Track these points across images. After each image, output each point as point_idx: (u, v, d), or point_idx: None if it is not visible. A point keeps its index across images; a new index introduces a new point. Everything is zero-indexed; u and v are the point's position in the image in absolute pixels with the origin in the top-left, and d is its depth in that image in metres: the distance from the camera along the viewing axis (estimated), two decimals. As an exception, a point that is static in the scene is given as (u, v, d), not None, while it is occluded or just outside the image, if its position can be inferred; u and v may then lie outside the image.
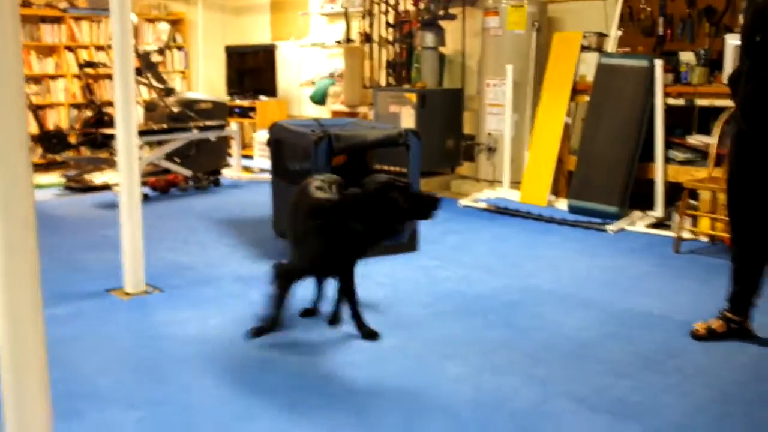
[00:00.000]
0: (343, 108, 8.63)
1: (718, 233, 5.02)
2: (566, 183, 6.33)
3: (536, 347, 3.42)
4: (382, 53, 8.39)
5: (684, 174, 5.55)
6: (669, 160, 5.79)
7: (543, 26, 6.87)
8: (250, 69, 10.08)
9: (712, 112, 5.53)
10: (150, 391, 2.95)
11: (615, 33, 6.25)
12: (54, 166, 8.31)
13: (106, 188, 7.16)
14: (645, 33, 6.50)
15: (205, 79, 10.55)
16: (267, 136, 5.67)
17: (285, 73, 9.90)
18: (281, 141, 5.38)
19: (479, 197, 6.59)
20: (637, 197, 5.85)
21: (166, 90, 8.06)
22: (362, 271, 3.55)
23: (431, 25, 7.56)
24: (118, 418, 2.73)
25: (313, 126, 5.24)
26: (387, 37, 8.31)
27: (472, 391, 2.96)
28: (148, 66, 8.01)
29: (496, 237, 5.48)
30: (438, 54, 7.68)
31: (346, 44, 8.96)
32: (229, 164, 8.04)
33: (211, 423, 2.71)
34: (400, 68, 8.16)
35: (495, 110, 6.93)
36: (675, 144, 5.85)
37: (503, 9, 6.82)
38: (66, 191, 7.37)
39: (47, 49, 8.98)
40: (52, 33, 8.97)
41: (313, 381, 3.04)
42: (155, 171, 7.35)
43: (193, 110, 7.67)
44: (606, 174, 5.81)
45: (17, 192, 1.78)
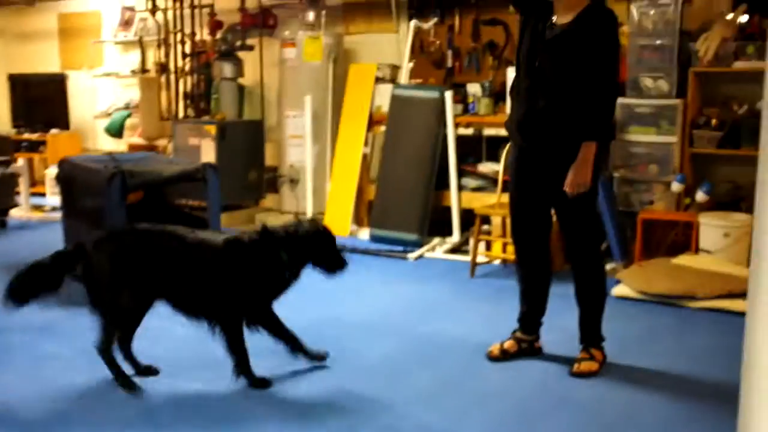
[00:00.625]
0: (141, 141, 8.35)
1: (509, 256, 5.33)
2: (367, 212, 6.48)
3: (341, 380, 3.45)
4: (180, 84, 8.22)
5: (476, 200, 5.85)
6: (462, 188, 6.09)
7: (339, 57, 7.02)
8: (39, 99, 9.46)
9: (500, 141, 5.88)
10: None
11: (407, 65, 6.50)
12: None
13: None
14: (435, 65, 6.83)
15: (-13, 111, 9.84)
16: (56, 172, 5.37)
17: (78, 104, 9.42)
18: (72, 178, 5.11)
19: (284, 228, 6.58)
20: (436, 224, 6.10)
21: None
22: (163, 311, 3.44)
23: (229, 56, 7.51)
24: None
25: (107, 161, 5.02)
26: (184, 68, 8.15)
27: (279, 426, 2.94)
28: None
29: (301, 269, 5.49)
30: (237, 85, 7.63)
31: (142, 74, 8.69)
32: (17, 203, 7.51)
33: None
34: (199, 99, 8.02)
35: (296, 141, 6.98)
36: (467, 172, 6.17)
37: (300, 40, 6.91)
38: None
39: None
40: None
41: None
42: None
43: (-27, 145, 7.12)
44: (404, 203, 6.01)
45: None
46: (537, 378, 3.48)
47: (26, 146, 8.96)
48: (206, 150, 7.07)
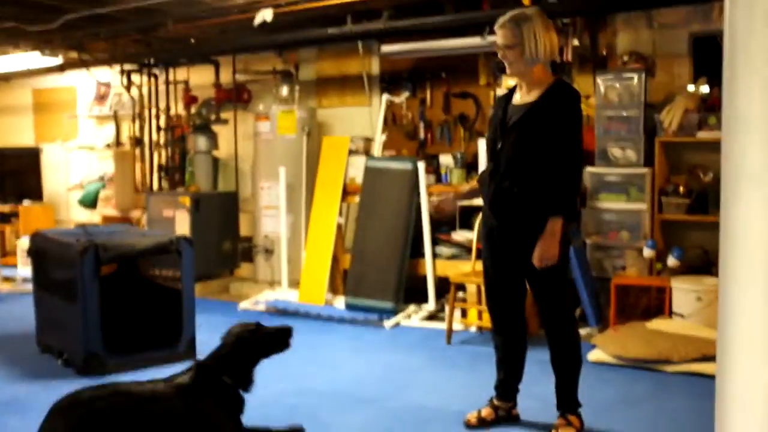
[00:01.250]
0: (115, 212, 8.33)
1: (485, 323, 5.34)
2: (342, 281, 6.48)
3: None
4: (154, 157, 8.26)
5: (451, 268, 5.88)
6: (437, 256, 6.13)
7: (313, 130, 7.11)
8: (12, 171, 9.45)
9: (473, 210, 5.95)
10: None
11: (380, 137, 6.60)
12: None
13: None
14: (408, 136, 6.96)
15: (-41, 185, 9.78)
16: (28, 245, 5.33)
17: (51, 177, 9.43)
18: (44, 251, 5.08)
19: (259, 299, 6.55)
20: (412, 292, 6.10)
21: None
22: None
23: (203, 129, 7.59)
24: None
25: (79, 234, 5.00)
26: (159, 141, 8.21)
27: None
28: None
29: (276, 339, 5.45)
30: (211, 157, 7.69)
31: (116, 147, 8.74)
32: (-13, 276, 7.43)
33: None
34: (173, 172, 8.07)
35: (270, 212, 7.01)
36: (441, 240, 6.22)
37: (273, 114, 7.00)
38: None
39: None
40: None
41: None
42: None
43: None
44: (379, 271, 6.02)
45: None
46: (515, 445, 3.46)
47: (-2, 218, 8.92)
48: (180, 221, 7.06)
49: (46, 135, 9.64)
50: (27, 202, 9.09)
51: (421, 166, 6.08)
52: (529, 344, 3.76)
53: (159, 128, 8.20)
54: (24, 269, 7.98)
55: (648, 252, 5.35)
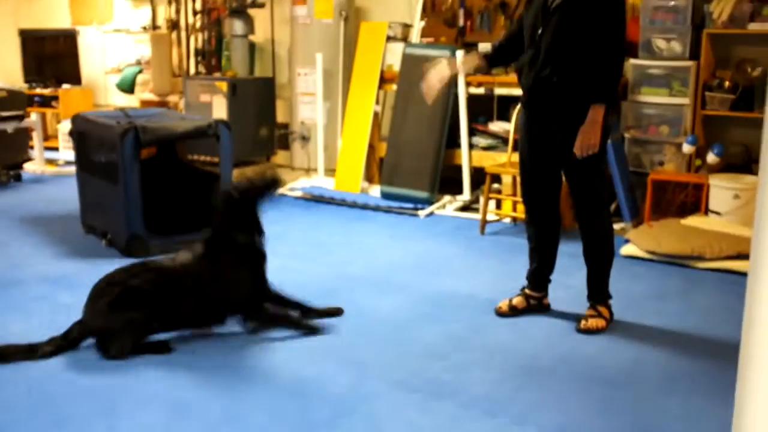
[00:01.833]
0: (153, 97, 8.36)
1: (519, 215, 5.37)
2: (378, 170, 6.52)
3: (352, 333, 3.52)
4: (191, 41, 8.21)
5: (487, 159, 5.87)
6: (473, 147, 6.11)
7: (351, 15, 6.99)
8: (50, 55, 9.48)
9: (511, 101, 5.88)
10: (-53, 408, 2.77)
11: (418, 24, 6.47)
12: None
13: None
14: (447, 24, 6.80)
15: (-1, 66, 9.85)
16: (70, 128, 5.41)
17: (89, 60, 9.43)
18: (85, 133, 5.15)
19: (295, 186, 6.64)
20: (447, 182, 6.13)
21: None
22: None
23: (240, 13, 7.48)
24: None
25: (119, 117, 5.06)
26: (195, 24, 8.14)
27: (290, 378, 3.02)
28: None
29: (312, 225, 5.56)
30: (248, 42, 7.62)
31: (153, 31, 8.68)
32: (31, 157, 7.57)
33: (18, 436, 2.59)
34: (210, 56, 8.03)
35: (307, 99, 6.98)
36: (478, 131, 6.18)
37: (311, -3, 6.88)
38: None
39: None
40: None
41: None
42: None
43: (-14, 99, 7.15)
44: (415, 160, 6.04)
45: None
46: (544, 334, 3.54)
47: (39, 101, 9.02)
48: (218, 106, 7.08)
49: (82, 17, 9.57)
50: (66, 86, 9.16)
51: (460, 54, 5.96)
52: (562, 237, 3.80)
53: (195, 11, 8.10)
54: (66, 152, 8.13)
55: (688, 148, 5.28)
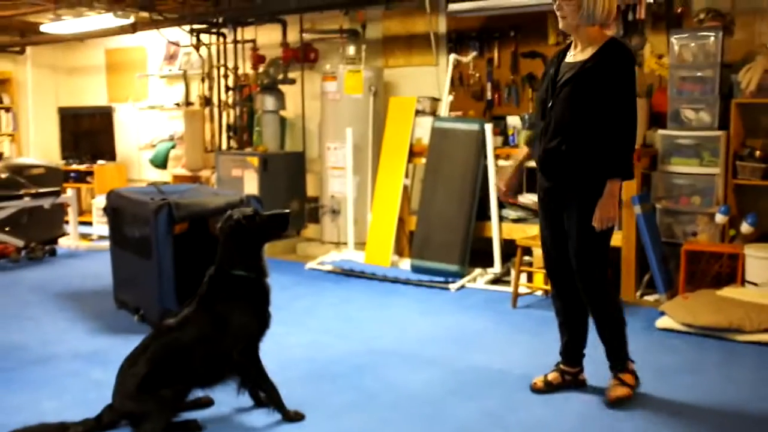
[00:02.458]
0: (185, 172, 8.51)
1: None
2: (408, 243, 6.52)
3: (384, 409, 3.47)
4: (223, 116, 8.38)
5: (518, 231, 5.86)
6: (503, 219, 6.10)
7: (380, 90, 7.11)
8: (87, 132, 9.75)
9: (539, 172, 5.89)
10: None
11: (447, 98, 6.56)
12: None
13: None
14: (475, 97, 6.90)
15: (37, 143, 10.11)
16: (104, 203, 5.50)
17: (123, 136, 9.67)
18: (120, 209, 5.23)
19: (325, 259, 6.65)
20: (477, 255, 6.10)
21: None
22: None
23: (271, 89, 7.65)
24: None
25: (153, 193, 5.14)
26: (227, 101, 8.32)
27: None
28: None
29: (343, 300, 5.55)
30: (279, 117, 7.77)
31: (186, 107, 8.88)
32: (66, 232, 7.69)
33: None
34: (242, 132, 8.18)
35: (337, 173, 7.06)
36: (508, 203, 6.18)
37: (340, 74, 7.01)
38: None
39: None
40: None
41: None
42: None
43: (24, 176, 7.31)
44: (445, 233, 6.03)
45: None
46: (579, 411, 3.47)
47: (74, 177, 9.21)
48: (249, 181, 7.18)
49: (118, 94, 9.86)
50: (101, 162, 9.37)
51: (489, 128, 6.03)
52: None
53: (227, 88, 8.30)
54: (99, 227, 8.25)
55: (721, 218, 5.23)
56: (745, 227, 5.15)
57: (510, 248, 5.79)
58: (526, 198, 6.14)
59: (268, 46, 8.03)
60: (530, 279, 5.60)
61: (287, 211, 3.51)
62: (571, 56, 3.50)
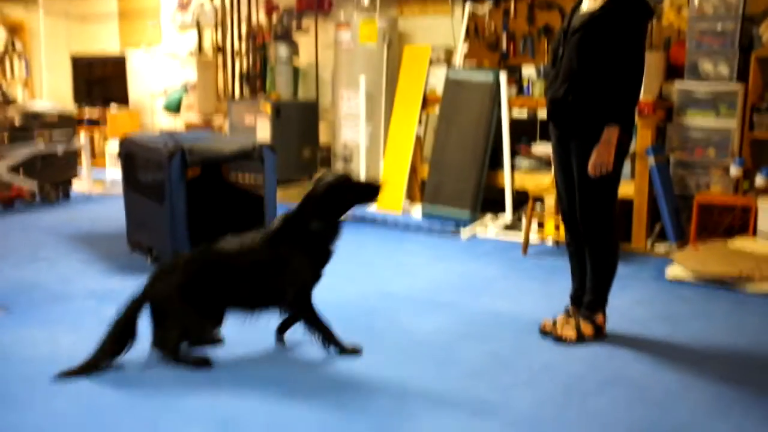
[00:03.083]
0: (198, 119, 8.51)
1: (562, 236, 5.32)
2: (420, 190, 6.53)
3: (395, 351, 3.52)
4: (236, 65, 8.35)
5: (530, 181, 5.86)
6: (515, 168, 6.10)
7: (394, 40, 7.05)
8: (100, 78, 9.73)
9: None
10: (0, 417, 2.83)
11: (462, 48, 6.51)
12: None
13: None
14: (490, 48, 6.83)
15: (50, 89, 10.10)
16: (118, 150, 5.53)
17: (136, 83, 9.64)
18: (133, 155, 5.26)
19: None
20: (489, 203, 6.12)
21: (5, 100, 7.66)
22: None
23: (285, 38, 7.61)
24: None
25: (166, 139, 5.15)
26: (240, 49, 8.28)
27: (333, 395, 3.03)
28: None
29: (356, 245, 5.57)
30: (292, 66, 7.73)
31: (199, 55, 8.84)
32: (79, 176, 7.73)
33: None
34: (254, 80, 8.15)
35: (350, 121, 7.04)
36: (520, 153, 6.17)
37: (355, 23, 6.95)
38: None
39: None
40: None
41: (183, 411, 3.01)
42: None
43: (38, 121, 7.33)
44: (457, 181, 6.04)
45: None
46: (588, 354, 3.50)
47: (88, 122, 9.23)
48: (262, 128, 7.19)
49: (131, 41, 9.82)
50: (114, 108, 9.37)
51: (503, 78, 6.00)
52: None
53: (240, 36, 8.26)
54: (112, 171, 8.28)
55: (735, 170, 5.21)
56: (760, 179, 5.14)
57: (522, 197, 5.80)
58: (539, 147, 6.12)
59: (282, -5, 7.97)
60: (541, 227, 5.61)
61: (380, 185, 3.52)
62: (585, 6, 3.52)
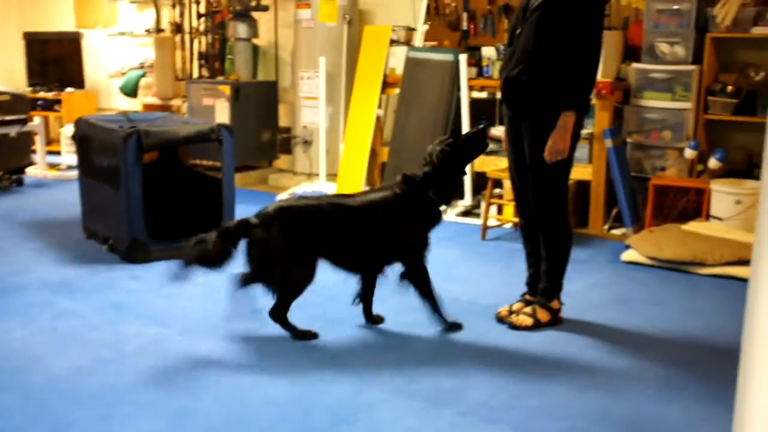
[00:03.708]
0: (156, 101, 8.38)
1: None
2: (380, 174, 6.51)
3: (351, 339, 3.52)
4: (194, 44, 8.22)
5: (489, 164, 5.86)
6: (475, 151, 6.09)
7: (354, 19, 7.00)
8: (54, 58, 9.52)
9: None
10: (-54, 414, 2.77)
11: (422, 27, 6.47)
12: None
13: None
14: (450, 27, 6.80)
15: (2, 69, 9.86)
16: (72, 132, 5.42)
17: (92, 63, 9.45)
18: (88, 137, 5.16)
19: (296, 191, 6.63)
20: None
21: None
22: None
23: (244, 16, 7.50)
24: None
25: (122, 121, 5.06)
26: (199, 28, 8.15)
27: (289, 385, 3.02)
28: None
29: (314, 230, 5.54)
30: (251, 45, 7.63)
31: (157, 34, 8.69)
32: (33, 161, 7.58)
33: (17, 443, 2.59)
34: (213, 60, 8.03)
35: (309, 103, 6.99)
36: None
37: (315, 1, 6.88)
38: None
39: None
40: None
41: (127, 390, 2.98)
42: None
43: (-11, 103, 7.16)
44: (417, 164, 5.98)
45: None
46: (544, 340, 3.53)
47: (42, 105, 9.04)
48: (220, 110, 7.10)
49: (87, 20, 9.60)
50: (69, 90, 9.18)
51: (463, 58, 5.98)
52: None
53: (199, 14, 8.12)
54: (68, 156, 8.14)
55: (690, 153, 5.27)
56: (713, 162, 5.20)
57: (481, 180, 5.81)
58: (498, 130, 6.12)
59: (241, -28, 7.83)
60: (500, 211, 5.63)
61: (482, 127, 3.61)
62: None
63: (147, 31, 8.89)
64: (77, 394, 2.94)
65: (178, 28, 8.33)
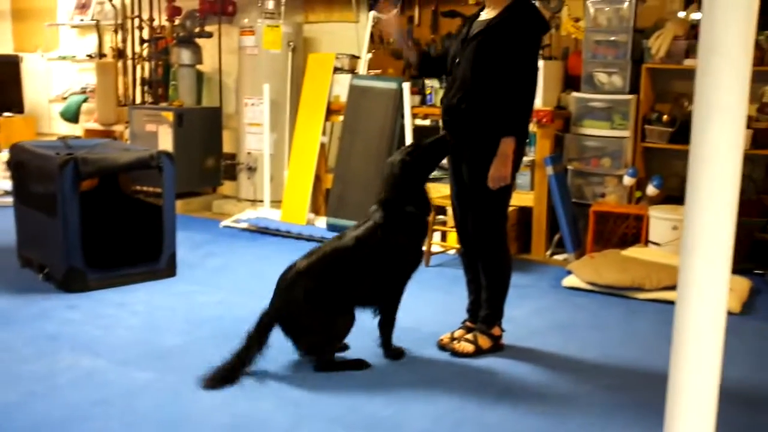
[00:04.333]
0: (98, 126, 8.25)
1: (464, 246, 5.38)
2: (325, 201, 6.50)
3: (288, 369, 3.47)
4: (137, 69, 8.13)
5: (433, 190, 5.88)
6: (419, 178, 6.12)
7: (299, 46, 7.01)
8: (-9, 82, 9.31)
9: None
10: None
11: (366, 55, 6.51)
12: None
13: None
14: (394, 56, 6.85)
15: (-63, 93, 9.61)
16: (8, 157, 5.29)
17: (32, 88, 9.27)
18: (24, 163, 5.04)
19: (240, 217, 6.57)
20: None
21: None
22: (117, 300, 3.42)
23: (187, 42, 7.45)
24: None
25: (60, 147, 4.96)
26: (142, 53, 8.07)
27: (228, 419, 2.96)
28: None
29: (257, 258, 5.50)
30: (195, 71, 7.58)
31: (99, 59, 8.58)
32: (-32, 187, 7.38)
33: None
34: (157, 86, 7.95)
35: (254, 129, 6.95)
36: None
37: (259, 28, 6.87)
38: None
39: None
40: None
41: (57, 426, 2.88)
42: None
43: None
44: (361, 192, 6.01)
45: None
46: (484, 367, 3.53)
47: (-22, 129, 8.81)
48: (163, 136, 7.02)
49: (26, 44, 9.43)
50: (7, 114, 8.97)
51: (407, 86, 6.02)
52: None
53: (142, 40, 8.04)
54: (4, 182, 7.93)
55: (628, 180, 5.38)
56: (651, 189, 5.31)
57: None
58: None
59: (185, -2, 7.81)
60: (444, 238, 5.66)
61: (444, 134, 3.60)
62: (484, 15, 3.56)
63: (89, 56, 8.77)
64: None
65: (121, 54, 8.23)
